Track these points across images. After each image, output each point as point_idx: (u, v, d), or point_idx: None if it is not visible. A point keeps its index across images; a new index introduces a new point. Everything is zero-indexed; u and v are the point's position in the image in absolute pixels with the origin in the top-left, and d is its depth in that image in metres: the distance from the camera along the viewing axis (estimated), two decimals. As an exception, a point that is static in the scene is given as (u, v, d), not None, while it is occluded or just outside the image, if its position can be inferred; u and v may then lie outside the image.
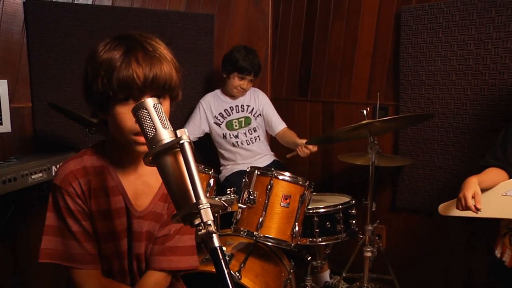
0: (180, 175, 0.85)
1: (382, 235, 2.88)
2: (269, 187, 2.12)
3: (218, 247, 0.78)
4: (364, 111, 2.32)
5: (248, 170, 2.25)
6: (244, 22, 3.43)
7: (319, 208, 2.33)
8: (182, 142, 0.84)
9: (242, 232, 2.13)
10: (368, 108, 2.36)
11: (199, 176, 0.83)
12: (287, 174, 2.18)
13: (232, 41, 3.31)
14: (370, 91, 2.91)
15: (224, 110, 2.95)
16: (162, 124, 0.89)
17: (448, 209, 1.97)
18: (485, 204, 1.76)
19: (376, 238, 2.50)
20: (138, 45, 1.12)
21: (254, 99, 3.02)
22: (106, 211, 1.23)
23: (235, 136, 2.95)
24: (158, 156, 0.87)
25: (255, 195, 2.14)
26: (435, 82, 2.55)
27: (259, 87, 3.18)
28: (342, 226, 2.35)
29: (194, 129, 2.94)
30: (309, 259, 2.42)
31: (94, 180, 1.22)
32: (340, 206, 2.36)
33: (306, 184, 2.19)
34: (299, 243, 2.21)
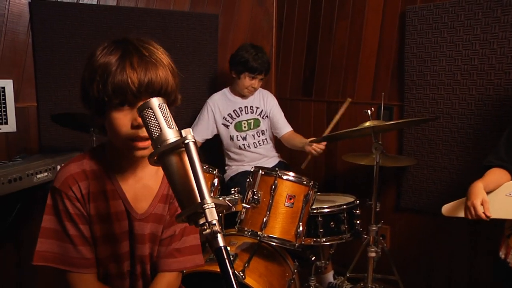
0: (185, 174, 0.85)
1: (386, 235, 2.88)
2: (273, 187, 2.12)
3: (223, 247, 0.79)
4: (369, 111, 2.32)
5: (252, 170, 2.25)
6: (248, 22, 3.43)
7: (323, 208, 2.33)
8: (187, 141, 0.84)
9: (246, 232, 2.13)
10: (372, 108, 2.36)
11: (204, 176, 0.83)
12: (291, 174, 2.18)
13: (237, 40, 3.31)
14: (374, 91, 2.90)
15: (233, 111, 2.92)
16: (167, 124, 0.89)
17: (451, 210, 1.96)
18: (489, 205, 1.75)
19: (380, 238, 2.50)
20: (134, 49, 1.11)
21: (263, 100, 2.99)
22: (105, 215, 1.23)
23: (243, 138, 2.92)
24: (163, 155, 0.87)
25: (259, 195, 2.14)
26: (440, 82, 2.54)
27: (263, 86, 3.18)
28: (346, 226, 2.35)
29: (202, 131, 2.89)
30: (313, 259, 2.41)
31: (94, 184, 1.22)
32: (345, 206, 2.36)
33: (311, 184, 2.19)
34: (303, 243, 2.21)
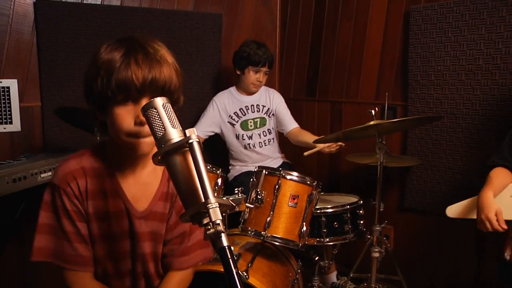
0: (189, 174, 0.85)
1: (390, 236, 2.87)
2: (276, 187, 2.12)
3: (227, 247, 0.79)
4: (373, 111, 2.31)
5: (255, 170, 2.25)
6: (252, 22, 3.43)
7: (327, 208, 2.32)
8: (191, 141, 0.84)
9: (249, 232, 2.13)
10: (376, 108, 2.35)
11: (208, 176, 0.83)
12: (295, 174, 2.17)
13: (240, 40, 3.29)
14: (378, 91, 2.90)
15: (240, 109, 2.92)
16: (171, 124, 0.89)
17: (456, 211, 1.96)
18: None
19: (384, 238, 2.49)
20: (139, 47, 1.12)
21: (269, 99, 2.99)
22: (104, 213, 1.23)
23: (249, 137, 2.92)
24: (167, 155, 0.87)
25: (263, 195, 2.14)
26: (444, 82, 2.53)
27: (266, 86, 3.18)
28: (350, 226, 2.35)
29: (205, 126, 2.90)
30: (316, 259, 2.41)
31: (93, 181, 1.22)
32: (348, 206, 2.36)
33: (314, 184, 2.18)
34: (307, 243, 2.20)
